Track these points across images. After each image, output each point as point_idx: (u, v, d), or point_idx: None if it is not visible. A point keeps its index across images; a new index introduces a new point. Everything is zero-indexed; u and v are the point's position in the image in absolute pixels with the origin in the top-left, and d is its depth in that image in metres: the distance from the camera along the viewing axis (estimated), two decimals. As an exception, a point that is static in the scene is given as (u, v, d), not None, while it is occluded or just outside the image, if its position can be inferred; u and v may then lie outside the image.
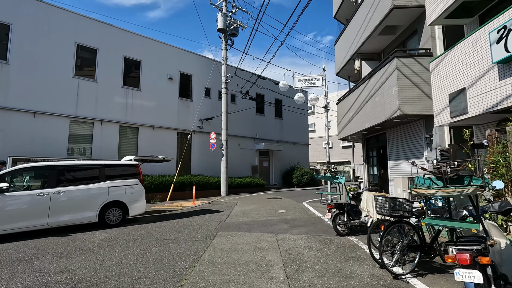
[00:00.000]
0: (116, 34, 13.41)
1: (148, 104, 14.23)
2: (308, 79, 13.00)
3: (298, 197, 13.42)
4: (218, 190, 14.79)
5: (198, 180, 14.04)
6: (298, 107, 21.11)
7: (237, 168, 17.75)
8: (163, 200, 12.53)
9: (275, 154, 20.78)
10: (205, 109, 16.65)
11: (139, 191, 7.78)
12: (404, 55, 7.35)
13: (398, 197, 4.07)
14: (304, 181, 19.96)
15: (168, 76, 15.03)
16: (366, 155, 11.51)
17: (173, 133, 15.10)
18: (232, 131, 17.66)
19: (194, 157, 15.92)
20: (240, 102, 18.38)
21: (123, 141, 13.39)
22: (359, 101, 9.69)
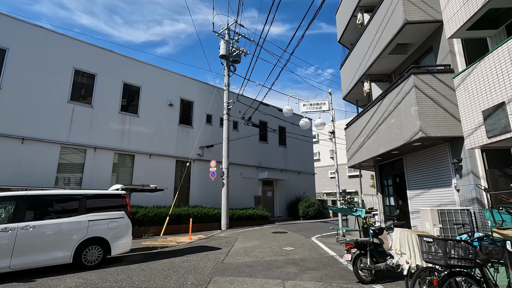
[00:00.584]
0: (116, 60, 13.17)
1: (146, 131, 13.59)
2: (314, 103, 12.39)
3: (305, 231, 12.17)
4: (218, 223, 13.59)
5: (196, 212, 12.93)
6: (302, 134, 20.42)
7: (239, 199, 16.63)
8: (157, 235, 11.37)
9: (279, 183, 19.71)
10: (206, 136, 15.98)
11: (124, 225, 6.77)
12: (422, 72, 6.67)
13: (454, 239, 3.00)
14: (311, 213, 18.64)
15: (168, 102, 14.57)
16: (380, 184, 10.48)
17: (171, 161, 14.28)
18: (234, 159, 16.82)
19: (193, 187, 14.92)
20: (243, 129, 17.75)
21: (117, 170, 12.55)
22: (370, 124, 8.90)
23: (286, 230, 12.74)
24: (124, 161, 12.79)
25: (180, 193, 14.29)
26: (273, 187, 19.43)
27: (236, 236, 11.10)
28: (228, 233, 11.92)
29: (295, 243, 9.18)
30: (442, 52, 6.96)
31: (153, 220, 11.52)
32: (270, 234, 11.35)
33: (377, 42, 8.46)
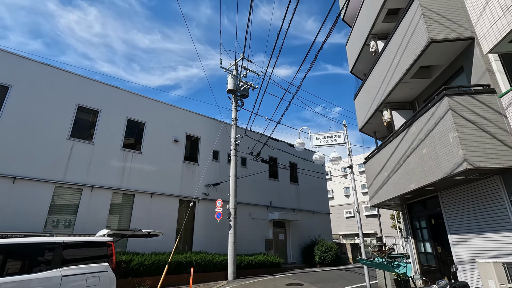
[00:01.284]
0: (121, 96, 12.89)
1: (149, 168, 12.77)
2: (327, 136, 11.45)
3: (325, 283, 10.43)
4: (224, 272, 11.99)
5: (199, 259, 11.46)
6: (315, 170, 19.21)
7: (247, 243, 15.05)
8: (153, 287, 9.89)
9: (292, 225, 18.06)
10: (212, 174, 15.01)
11: (106, 281, 5.56)
12: (457, 93, 5.75)
13: None
14: (329, 259, 16.65)
15: (174, 138, 13.94)
16: (410, 226, 9.01)
17: (174, 200, 13.20)
18: (242, 198, 15.59)
19: (198, 229, 13.59)
20: (251, 166, 16.77)
21: (115, 211, 11.51)
22: (396, 157, 7.82)
23: (302, 281, 11.01)
24: (123, 201, 11.79)
25: (183, 236, 12.97)
26: (285, 229, 17.77)
27: (244, 289, 9.53)
28: (235, 285, 10.31)
29: (315, 301, 7.59)
30: (476, 71, 6.10)
31: (150, 270, 10.13)
32: (284, 287, 9.71)
33: (396, 67, 7.73)
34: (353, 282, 10.74)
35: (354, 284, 10.22)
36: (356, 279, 11.31)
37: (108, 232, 6.37)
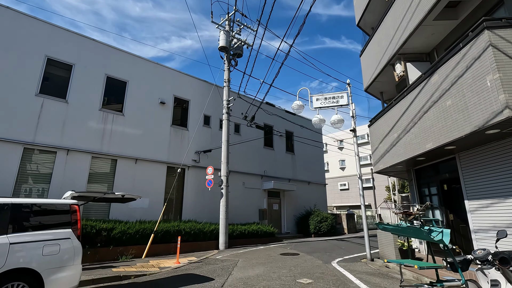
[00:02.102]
0: (98, 49, 11.42)
1: (132, 132, 11.65)
2: (329, 97, 10.37)
3: (322, 253, 9.86)
4: (215, 241, 11.37)
5: (188, 227, 10.75)
6: (312, 139, 18.31)
7: (240, 212, 14.42)
8: (138, 257, 9.20)
9: (287, 195, 17.46)
10: (203, 140, 13.99)
11: (69, 250, 4.67)
12: (501, 25, 4.62)
13: None
14: (324, 229, 16.26)
15: (160, 100, 12.70)
16: (417, 193, 8.25)
17: (161, 167, 12.24)
18: (236, 166, 14.73)
19: (187, 198, 12.80)
20: (245, 132, 15.75)
21: (95, 178, 10.53)
22: (409, 114, 6.82)
23: (297, 250, 10.45)
24: (104, 167, 10.79)
25: (171, 205, 12.19)
26: (280, 199, 17.18)
27: (235, 259, 8.87)
28: (227, 255, 9.68)
29: (312, 271, 6.92)
30: (522, 2, 4.94)
31: (134, 239, 9.38)
32: (278, 257, 9.09)
33: (416, 8, 6.49)
34: (351, 252, 10.19)
35: (352, 254, 9.66)
36: (353, 249, 10.79)
37: (72, 193, 5.38)
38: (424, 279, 5.64)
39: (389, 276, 6.48)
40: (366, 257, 8.60)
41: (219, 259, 9.01)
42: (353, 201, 35.18)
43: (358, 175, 9.32)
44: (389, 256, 7.65)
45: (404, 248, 7.13)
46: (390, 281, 5.96)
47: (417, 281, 5.95)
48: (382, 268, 7.33)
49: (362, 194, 9.23)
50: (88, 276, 6.45)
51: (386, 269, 7.20)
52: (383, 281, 6.00)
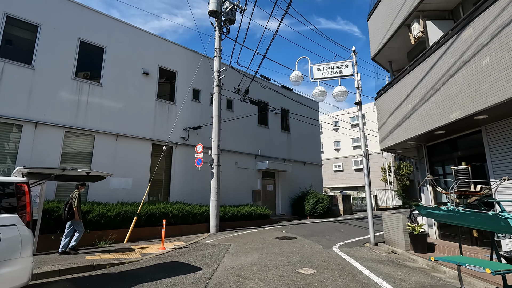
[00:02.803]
0: (70, 9, 9.96)
1: (112, 105, 10.45)
2: (332, 66, 9.31)
3: (320, 237, 9.15)
4: (205, 224, 10.57)
5: (176, 210, 9.87)
6: (309, 117, 17.33)
7: (233, 194, 13.60)
8: (119, 242, 8.33)
9: (282, 176, 16.68)
10: (192, 116, 12.87)
11: (14, 240, 3.68)
12: None
13: None
14: (320, 211, 15.65)
15: (143, 70, 11.41)
16: (430, 172, 7.44)
17: (146, 145, 11.17)
18: (228, 145, 13.75)
19: (175, 178, 11.84)
20: (238, 109, 14.66)
21: (70, 156, 9.43)
22: (429, 81, 5.85)
23: (294, 234, 9.73)
24: (80, 143, 9.67)
25: (158, 186, 11.26)
26: (275, 180, 16.40)
27: (227, 243, 8.08)
28: (217, 239, 8.89)
29: (313, 258, 6.14)
30: None
31: (115, 222, 8.46)
32: (273, 241, 8.33)
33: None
34: (351, 235, 9.52)
35: (353, 238, 8.98)
36: (353, 232, 10.13)
37: (20, 169, 4.33)
38: (478, 284, 4.30)
39: (400, 264, 5.75)
40: (370, 242, 7.91)
41: (209, 243, 8.21)
42: (347, 182, 34.90)
43: (363, 153, 8.45)
44: (396, 241, 6.92)
45: (416, 232, 6.38)
46: (403, 271, 5.21)
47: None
48: (390, 255, 6.61)
49: (367, 174, 8.41)
50: (55, 266, 5.54)
51: (394, 256, 6.48)
52: (395, 270, 5.24)
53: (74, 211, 6.53)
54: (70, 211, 6.52)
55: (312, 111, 18.11)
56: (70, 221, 6.58)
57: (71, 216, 6.53)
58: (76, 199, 6.57)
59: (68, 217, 6.52)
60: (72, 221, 6.58)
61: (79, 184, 6.83)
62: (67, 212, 6.50)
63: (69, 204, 6.55)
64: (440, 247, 6.26)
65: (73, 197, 6.57)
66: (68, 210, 6.52)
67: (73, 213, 6.51)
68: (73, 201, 6.55)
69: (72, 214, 6.51)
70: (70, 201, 6.58)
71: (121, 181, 10.20)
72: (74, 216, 6.54)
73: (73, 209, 6.51)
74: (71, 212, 6.51)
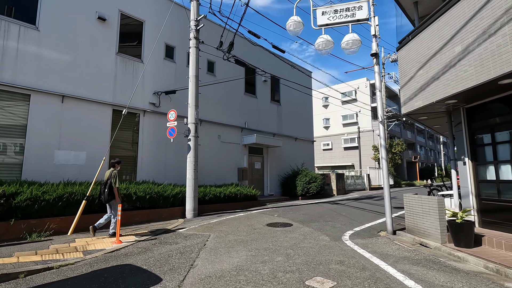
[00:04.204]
0: None
1: (55, 56, 8.01)
2: (342, 9, 7.25)
3: (321, 223, 7.47)
4: (181, 208, 8.68)
5: (142, 191, 7.86)
6: (301, 89, 15.35)
7: (215, 172, 11.69)
8: (62, 233, 6.29)
9: (271, 152, 14.86)
10: (165, 78, 10.58)
11: None
12: None
13: None
14: (313, 190, 14.10)
15: (98, 14, 8.89)
16: (468, 143, 5.74)
17: (103, 110, 8.90)
18: (209, 115, 11.66)
19: (144, 153, 9.73)
20: (221, 73, 12.45)
21: (-5, 119, 7.09)
22: (495, 8, 3.94)
23: (288, 219, 8.01)
24: (7, 105, 7.29)
25: (126, 162, 9.14)
26: (263, 157, 14.57)
27: (205, 234, 6.24)
28: (194, 227, 7.04)
29: (324, 258, 4.39)
30: None
31: (55, 207, 6.38)
32: (265, 230, 6.56)
33: None
34: (357, 220, 7.90)
35: (362, 224, 7.35)
36: (358, 216, 8.54)
37: None
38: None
39: (447, 266, 4.09)
40: (386, 229, 6.29)
41: (182, 234, 6.35)
42: (336, 161, 33.79)
43: (380, 118, 6.63)
44: (426, 230, 5.28)
45: (458, 220, 4.73)
46: (460, 279, 3.54)
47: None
48: (421, 249, 4.97)
49: (383, 144, 6.63)
50: None
51: (427, 251, 4.84)
52: (449, 278, 3.56)
53: (115, 192, 5.94)
54: (112, 192, 5.93)
55: (305, 82, 16.11)
56: (110, 203, 6.01)
57: (111, 198, 5.94)
58: (116, 179, 5.99)
59: (108, 198, 5.92)
60: (112, 202, 5.99)
61: (115, 162, 6.28)
62: (107, 194, 5.89)
63: (108, 184, 5.92)
64: (490, 240, 4.66)
65: (112, 177, 5.97)
66: (109, 192, 5.91)
67: (114, 194, 5.94)
68: (113, 181, 5.95)
69: (113, 195, 5.94)
70: (108, 181, 5.94)
71: (70, 155, 8.00)
72: (115, 197, 5.95)
73: (114, 190, 5.93)
74: (112, 193, 5.93)
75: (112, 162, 6.29)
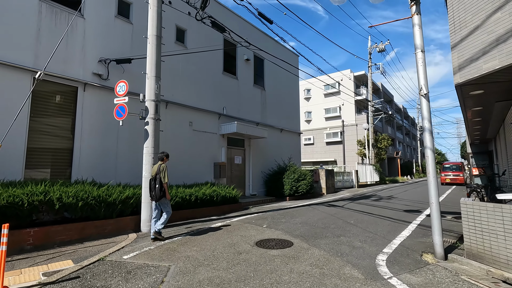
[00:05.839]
0: None
1: None
2: None
3: (331, 238, 5.36)
4: (134, 217, 6.22)
5: (72, 195, 5.31)
6: (288, 69, 13.22)
7: (184, 167, 9.28)
8: None
9: (254, 144, 12.62)
10: (117, 41, 7.95)
11: None
12: None
13: None
14: (302, 190, 12.09)
15: None
16: None
17: (20, 78, 6.17)
18: (179, 96, 9.21)
19: (84, 142, 7.09)
20: (194, 43, 9.98)
21: None
22: None
23: (284, 232, 5.84)
24: None
25: (46, 154, 6.52)
26: (245, 150, 12.30)
27: (162, 266, 3.88)
28: (148, 249, 4.63)
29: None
30: None
31: None
32: (255, 256, 4.32)
33: None
34: (377, 232, 5.89)
35: (387, 239, 5.35)
36: (373, 226, 6.55)
37: None
38: None
39: None
40: (434, 252, 4.30)
41: (125, 264, 3.96)
42: (318, 156, 32.31)
43: (424, 90, 4.60)
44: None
45: None
46: None
47: None
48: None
49: (428, 128, 4.61)
50: None
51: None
52: None
53: (165, 188, 5.19)
54: (163, 188, 5.17)
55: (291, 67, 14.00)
56: (160, 200, 5.21)
57: (163, 194, 5.18)
58: (165, 173, 5.25)
59: (160, 195, 5.16)
60: (162, 200, 5.24)
61: (163, 155, 5.50)
62: (159, 190, 5.15)
63: (158, 179, 5.18)
64: None
65: (162, 171, 5.24)
66: (160, 188, 5.15)
67: (165, 190, 5.18)
68: (163, 176, 5.21)
69: (164, 192, 5.19)
70: (157, 176, 5.21)
71: (-44, 141, 5.24)
72: (165, 194, 5.21)
73: (164, 185, 5.18)
74: (163, 189, 5.17)
75: (161, 156, 5.54)
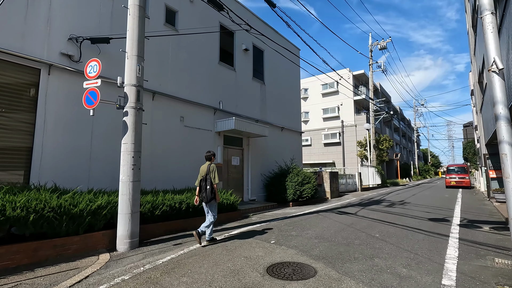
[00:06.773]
0: None
1: None
2: None
3: (365, 262, 4.14)
4: (108, 232, 4.88)
5: (21, 205, 3.96)
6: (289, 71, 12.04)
7: (174, 169, 7.97)
8: None
9: (253, 144, 11.37)
10: (93, 16, 6.63)
11: None
12: None
13: None
14: (307, 194, 10.88)
15: None
16: None
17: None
18: (168, 86, 7.92)
19: (47, 138, 5.74)
20: (187, 26, 8.71)
21: None
22: None
23: (300, 251, 4.60)
24: None
25: (210, 153, 5.14)
26: (243, 150, 11.04)
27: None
28: (121, 279, 3.31)
29: None
30: None
31: None
32: (269, 293, 3.06)
33: None
34: (419, 252, 4.67)
35: (438, 262, 4.14)
36: (410, 241, 5.35)
37: None
38: None
39: None
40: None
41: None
42: (315, 158, 31.22)
43: (493, 62, 3.43)
44: None
45: None
46: None
47: None
48: None
49: (505, 116, 3.43)
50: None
51: None
52: None
53: (215, 190, 4.88)
54: (213, 190, 4.88)
55: (292, 57, 12.86)
56: (209, 202, 4.91)
57: (214, 195, 4.89)
58: (215, 173, 4.92)
59: (211, 197, 4.87)
60: (212, 202, 4.92)
61: (211, 155, 5.23)
62: (210, 191, 4.84)
63: (208, 180, 4.87)
64: None
65: (212, 171, 4.95)
66: (211, 189, 4.86)
67: (215, 192, 4.88)
68: (213, 176, 4.90)
69: (215, 193, 4.89)
70: (207, 177, 4.91)
71: None
72: (215, 196, 4.91)
73: (214, 187, 4.87)
74: (214, 191, 4.88)
75: (208, 155, 5.24)
